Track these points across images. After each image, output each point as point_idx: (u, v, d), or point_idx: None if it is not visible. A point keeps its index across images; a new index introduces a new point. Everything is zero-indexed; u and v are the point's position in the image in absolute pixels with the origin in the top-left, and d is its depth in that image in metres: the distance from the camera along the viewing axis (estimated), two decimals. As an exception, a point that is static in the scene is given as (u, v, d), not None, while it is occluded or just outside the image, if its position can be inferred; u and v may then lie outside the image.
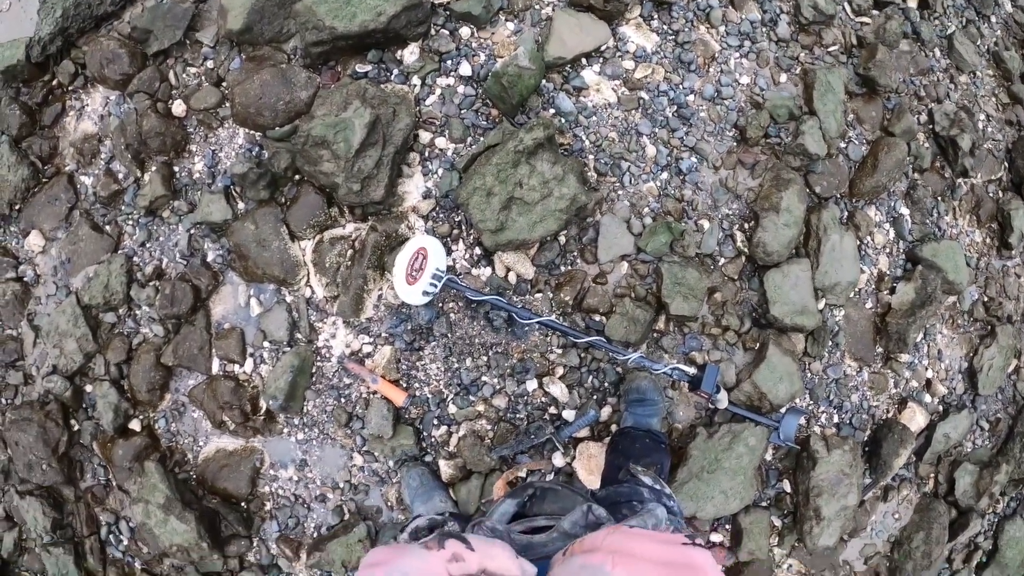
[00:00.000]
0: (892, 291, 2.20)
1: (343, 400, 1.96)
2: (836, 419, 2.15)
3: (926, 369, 2.26)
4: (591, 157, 1.99)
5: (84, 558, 2.19)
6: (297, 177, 2.01)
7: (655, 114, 2.05)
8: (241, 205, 2.05)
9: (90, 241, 2.17)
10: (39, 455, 2.12)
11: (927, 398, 2.25)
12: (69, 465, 2.18)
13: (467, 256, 1.93)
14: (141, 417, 2.12)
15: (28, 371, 2.25)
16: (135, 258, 2.13)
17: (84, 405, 2.16)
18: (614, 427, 1.95)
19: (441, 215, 1.95)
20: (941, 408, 2.27)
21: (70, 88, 2.30)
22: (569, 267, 1.96)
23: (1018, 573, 2.49)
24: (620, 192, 1.99)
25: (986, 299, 2.37)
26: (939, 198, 2.32)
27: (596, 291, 1.93)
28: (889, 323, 2.16)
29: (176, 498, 1.95)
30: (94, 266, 2.15)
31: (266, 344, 2.00)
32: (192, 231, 2.08)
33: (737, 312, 2.03)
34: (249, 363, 2.02)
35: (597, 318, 1.93)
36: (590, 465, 1.89)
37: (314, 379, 1.98)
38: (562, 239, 1.95)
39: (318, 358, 1.97)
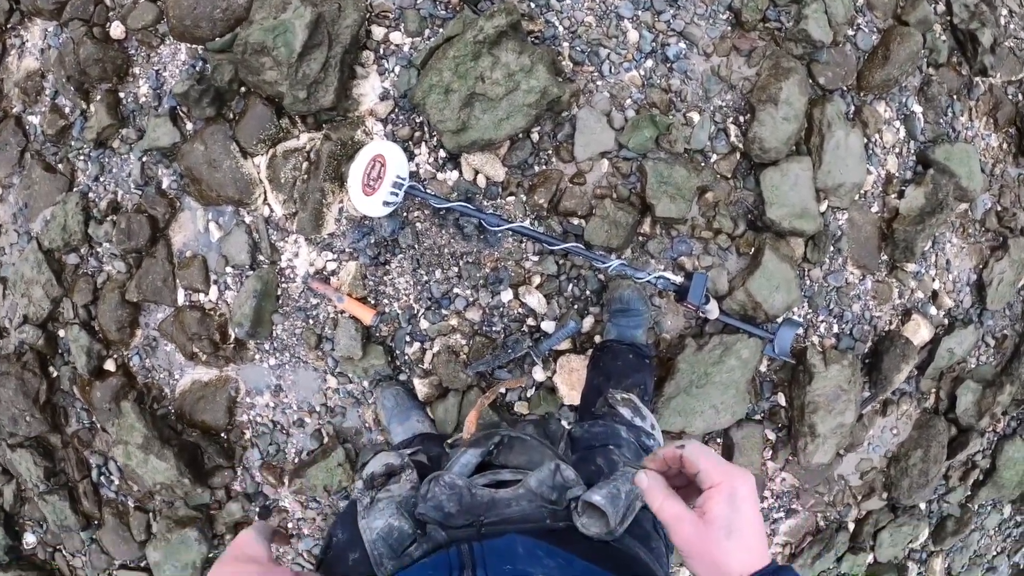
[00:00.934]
0: (900, 195, 1.99)
1: (311, 322, 1.85)
2: (836, 329, 1.99)
3: (933, 280, 2.08)
4: (565, 45, 1.78)
5: (79, 502, 2.17)
6: (243, 90, 1.83)
7: None
8: (189, 126, 1.89)
9: (44, 182, 2.04)
10: (21, 407, 2.07)
11: (932, 310, 2.08)
12: (53, 413, 2.13)
13: (431, 160, 1.77)
14: (115, 356, 2.04)
15: (1, 324, 2.18)
16: (90, 194, 2.00)
17: (59, 351, 2.09)
18: (597, 339, 1.82)
19: (401, 117, 1.77)
20: (946, 322, 2.10)
21: (7, 26, 2.13)
22: (543, 167, 1.78)
23: (1014, 493, 2.39)
24: (599, 83, 1.79)
25: (1000, 208, 2.15)
26: (955, 97, 2.07)
27: (573, 192, 1.76)
28: (896, 229, 1.97)
29: (154, 436, 1.89)
30: (50, 208, 2.03)
31: (229, 269, 1.88)
32: (144, 159, 1.93)
33: (730, 214, 1.85)
34: (214, 291, 1.91)
35: (575, 222, 1.77)
36: (571, 380, 1.78)
37: (280, 302, 1.86)
38: (535, 136, 1.76)
39: (282, 279, 1.86)
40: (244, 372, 1.95)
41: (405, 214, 1.77)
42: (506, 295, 1.77)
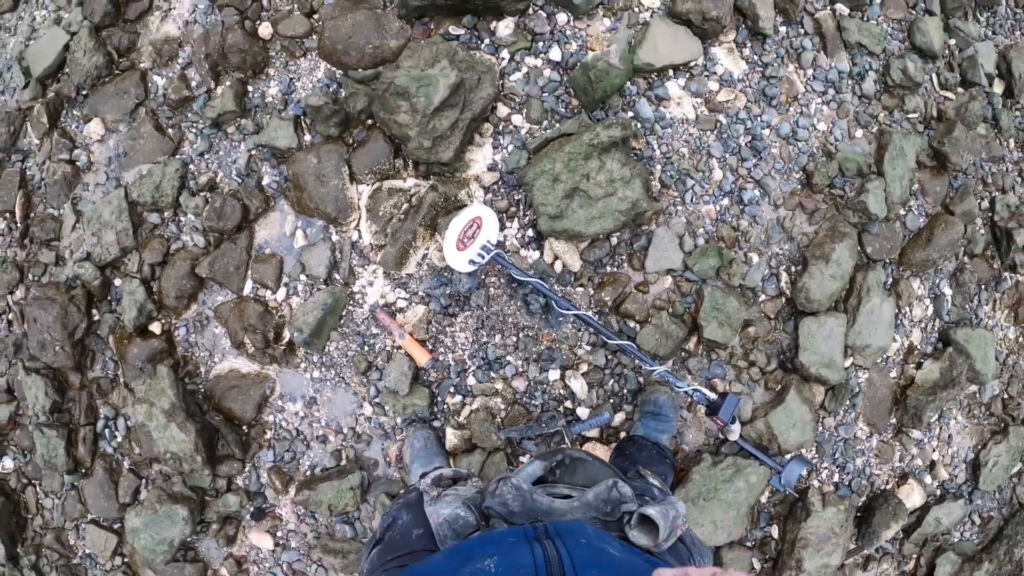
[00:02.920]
0: (918, 366, 2.13)
1: (366, 348, 1.89)
2: (836, 478, 2.08)
3: (933, 450, 2.19)
4: (659, 167, 1.92)
5: (75, 446, 2.12)
6: (369, 122, 1.93)
7: (729, 140, 1.98)
8: (308, 137, 1.97)
9: (150, 140, 2.10)
10: (55, 336, 2.05)
11: (928, 479, 2.19)
12: (82, 352, 2.11)
13: (519, 235, 1.86)
14: (163, 321, 2.05)
15: (61, 253, 2.17)
16: (191, 166, 2.05)
17: (109, 298, 2.09)
18: (623, 434, 1.88)
19: (502, 190, 1.87)
20: (939, 492, 2.20)
21: (159, -12, 2.23)
22: (615, 269, 1.88)
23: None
24: (679, 208, 1.92)
25: (1006, 396, 2.30)
26: (983, 286, 2.24)
27: (636, 298, 1.86)
28: (909, 396, 2.09)
29: (181, 407, 1.88)
30: (149, 165, 2.08)
31: (302, 277, 1.92)
32: (253, 152, 2.00)
33: (766, 350, 1.96)
34: (282, 292, 1.94)
35: (632, 324, 1.86)
36: (593, 466, 1.82)
37: (342, 322, 1.90)
38: (614, 240, 1.87)
39: (351, 302, 1.90)
40: (284, 376, 1.96)
41: (484, 276, 1.85)
42: (554, 374, 1.83)
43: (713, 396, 1.71)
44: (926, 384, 2.08)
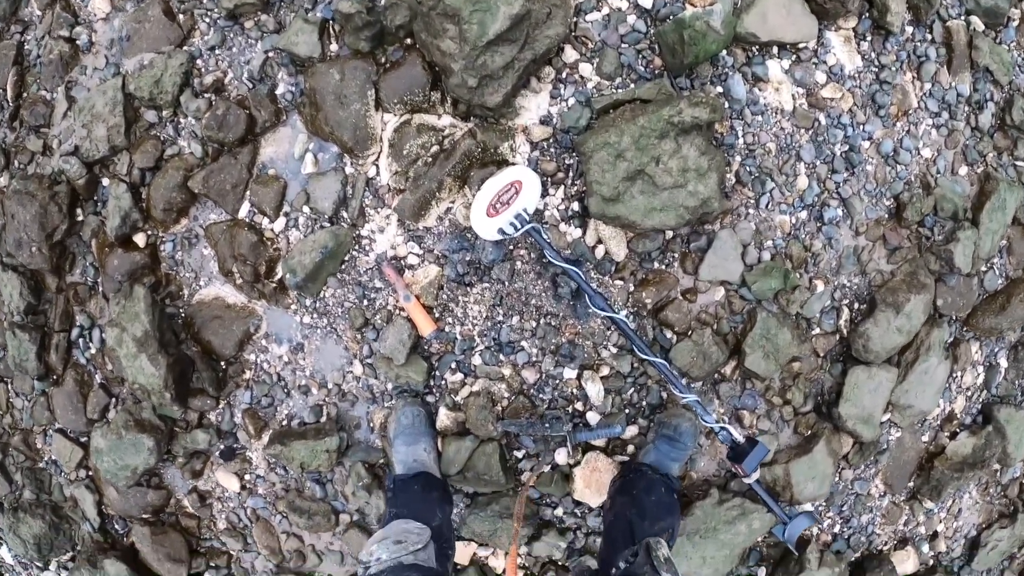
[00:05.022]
0: (953, 436, 1.88)
1: (365, 303, 1.62)
2: (837, 529, 1.87)
3: (940, 521, 1.98)
4: (738, 159, 1.58)
5: (48, 351, 1.88)
6: (408, 41, 1.57)
7: (823, 145, 1.63)
8: (334, 47, 1.61)
9: (157, 25, 1.72)
10: (31, 236, 1.76)
11: (925, 548, 1.99)
12: (61, 254, 1.83)
13: (562, 207, 1.55)
14: (149, 233, 1.76)
15: (50, 142, 1.85)
16: (199, 61, 1.69)
17: (96, 198, 1.79)
18: (632, 448, 1.64)
19: (552, 150, 1.54)
20: (931, 563, 2.01)
21: None
22: (663, 267, 1.58)
23: None
24: (751, 212, 1.60)
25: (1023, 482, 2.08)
26: None
27: (680, 306, 1.57)
28: (935, 467, 1.85)
29: (155, 335, 1.62)
30: (152, 54, 1.72)
31: (306, 209, 1.62)
32: (270, 54, 1.64)
33: (805, 389, 1.70)
34: (280, 222, 1.65)
35: (669, 335, 1.58)
36: (591, 479, 1.60)
37: (344, 267, 1.62)
38: (669, 233, 1.56)
39: (356, 248, 1.61)
40: (273, 315, 1.70)
41: (512, 247, 1.55)
42: (570, 372, 1.57)
43: (740, 438, 1.46)
44: (956, 458, 1.85)
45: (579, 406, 1.60)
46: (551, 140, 1.54)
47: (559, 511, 1.70)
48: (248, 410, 1.74)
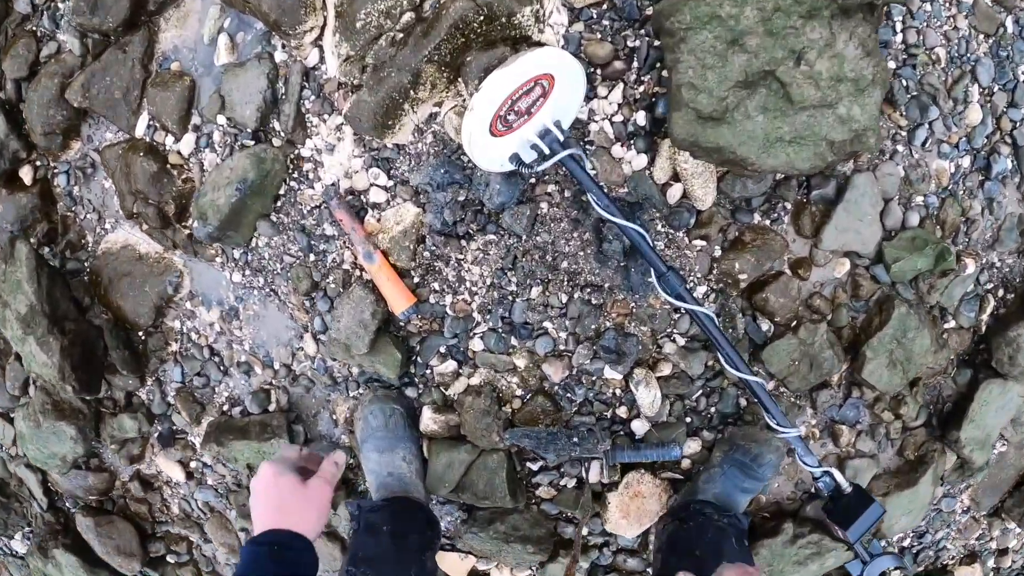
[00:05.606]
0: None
1: (313, 257, 1.11)
2: (907, 543, 1.44)
3: (1015, 537, 1.55)
4: (891, 66, 0.95)
5: None
6: None
7: (1006, 63, 0.99)
8: None
9: None
10: None
11: (991, 563, 1.58)
12: None
13: (618, 118, 0.96)
14: (37, 165, 1.27)
15: None
16: None
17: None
18: (686, 463, 1.17)
19: (607, 23, 0.93)
20: (992, 576, 1.60)
21: None
22: (767, 223, 1.01)
23: None
24: (899, 149, 0.99)
25: None
26: None
27: (787, 286, 1.01)
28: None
29: (43, 311, 1.17)
30: None
31: (222, 120, 1.08)
32: None
33: (922, 400, 1.18)
34: (189, 140, 1.11)
35: (764, 327, 1.04)
36: (630, 507, 1.14)
37: (280, 206, 1.10)
38: (779, 175, 0.97)
39: (294, 174, 1.08)
40: (196, 268, 1.22)
41: (533, 181, 0.99)
42: (616, 371, 1.06)
43: (848, 487, 0.98)
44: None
45: (622, 411, 1.11)
46: (606, 5, 0.92)
47: (584, 529, 1.28)
48: (181, 390, 1.32)
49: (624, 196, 0.97)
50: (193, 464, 1.43)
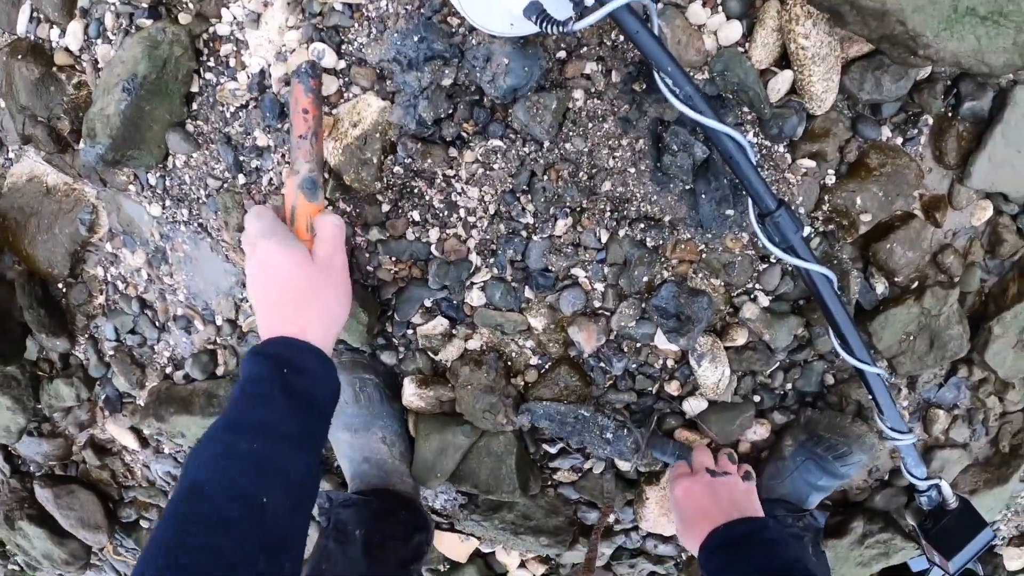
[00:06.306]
0: None
1: (242, 177, 0.80)
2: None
3: None
4: None
5: None
6: None
7: None
8: None
9: None
10: None
11: None
12: None
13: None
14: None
15: None
16: None
17: None
18: (745, 446, 0.89)
19: None
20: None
21: None
22: (899, 142, 0.67)
23: None
24: None
25: None
26: None
27: (919, 236, 0.69)
28: None
29: None
30: None
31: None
32: None
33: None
34: (76, 29, 0.78)
35: (880, 288, 0.72)
36: (668, 505, 0.89)
37: (196, 109, 0.78)
38: (923, 72, 0.61)
39: (210, 63, 0.75)
40: (111, 200, 0.93)
41: (563, 53, 0.65)
42: (669, 341, 0.75)
43: (954, 502, 0.73)
44: None
45: (673, 388, 0.81)
46: None
47: (609, 517, 1.03)
48: (118, 350, 1.07)
49: (702, 85, 0.63)
50: (147, 431, 1.21)
